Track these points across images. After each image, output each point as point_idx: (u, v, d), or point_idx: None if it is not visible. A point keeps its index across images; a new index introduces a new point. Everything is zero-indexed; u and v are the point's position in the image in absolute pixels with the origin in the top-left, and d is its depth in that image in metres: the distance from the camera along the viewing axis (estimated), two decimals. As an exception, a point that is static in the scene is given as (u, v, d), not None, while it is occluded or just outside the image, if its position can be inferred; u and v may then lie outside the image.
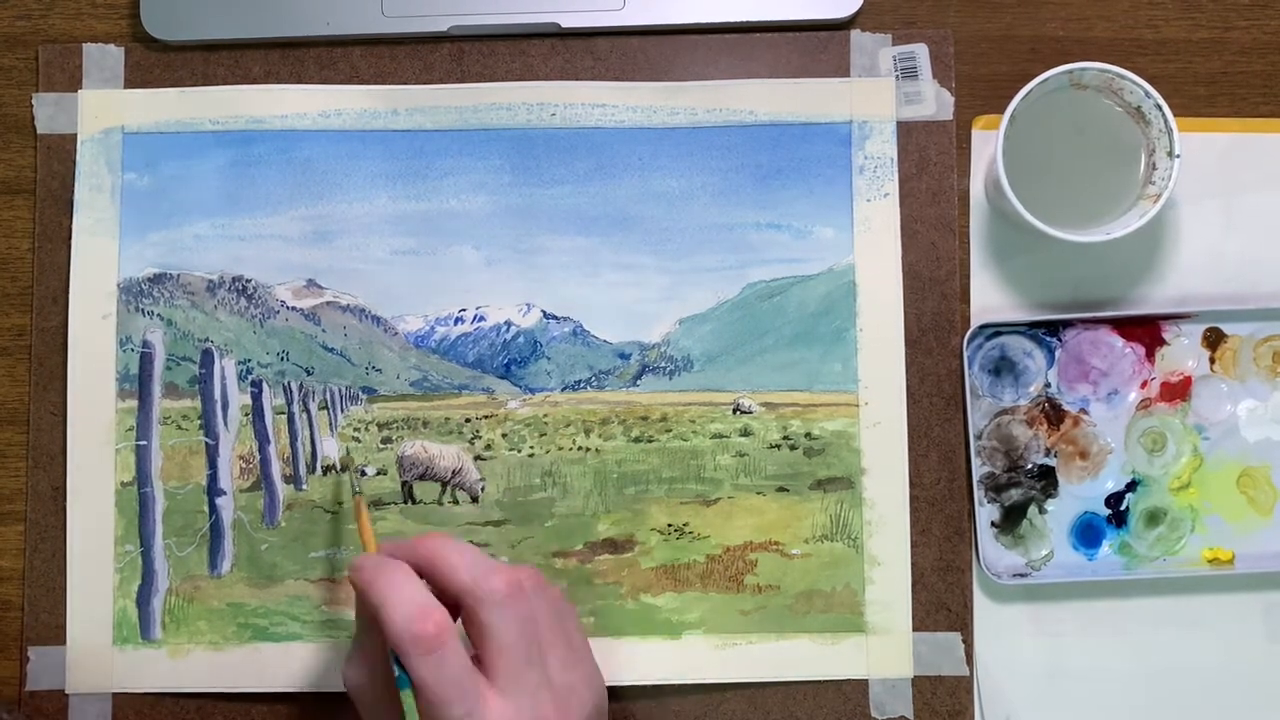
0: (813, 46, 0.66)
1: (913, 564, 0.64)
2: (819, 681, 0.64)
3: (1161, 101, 0.60)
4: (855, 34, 0.66)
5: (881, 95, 0.65)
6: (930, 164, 0.65)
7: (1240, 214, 0.66)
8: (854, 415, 0.64)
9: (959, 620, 0.64)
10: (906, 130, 0.66)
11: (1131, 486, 0.65)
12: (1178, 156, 0.60)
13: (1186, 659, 0.64)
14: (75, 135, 0.66)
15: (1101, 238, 0.60)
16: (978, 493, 0.64)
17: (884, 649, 0.64)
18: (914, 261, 0.65)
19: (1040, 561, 0.65)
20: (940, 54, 0.66)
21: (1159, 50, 0.67)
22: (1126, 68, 0.60)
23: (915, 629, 0.64)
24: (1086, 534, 0.65)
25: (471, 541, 0.64)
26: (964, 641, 0.64)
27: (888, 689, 0.64)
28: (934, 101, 0.66)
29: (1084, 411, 0.65)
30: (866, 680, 0.64)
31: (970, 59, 0.66)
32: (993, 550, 0.64)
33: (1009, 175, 0.60)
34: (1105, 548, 0.65)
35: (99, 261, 0.65)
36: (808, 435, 0.65)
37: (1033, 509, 0.65)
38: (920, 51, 0.66)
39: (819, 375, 0.65)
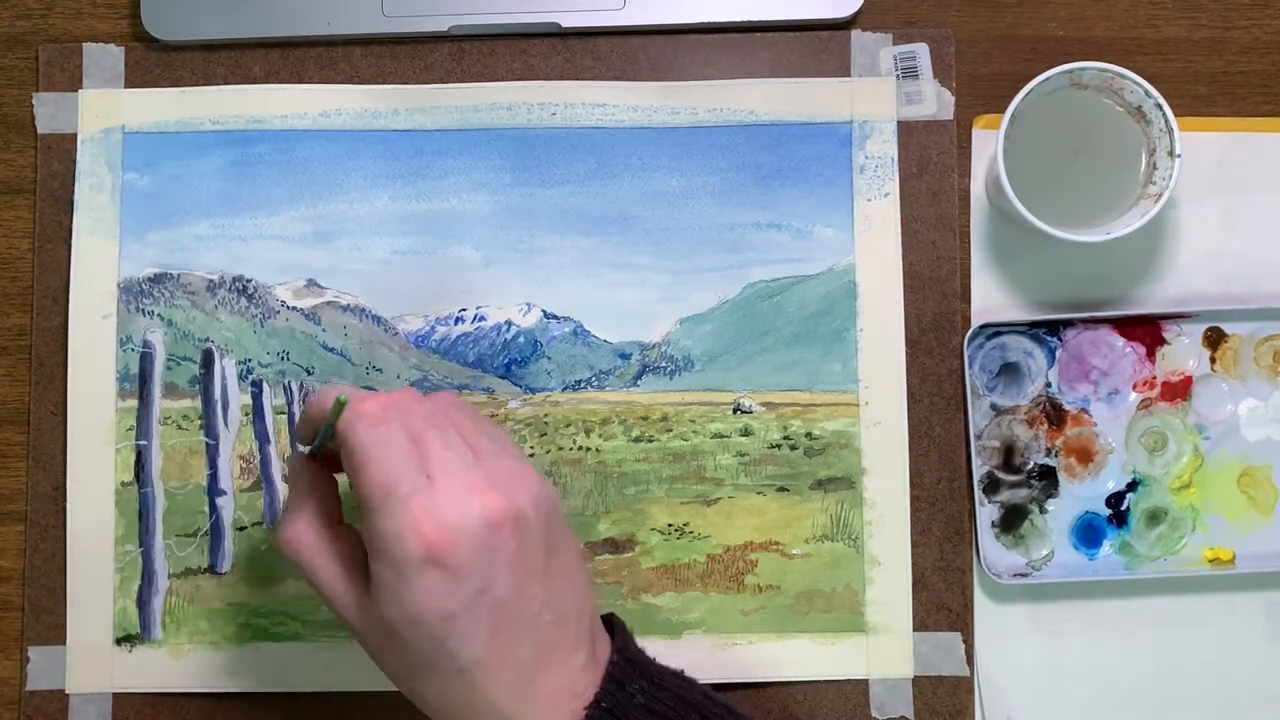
0: (813, 46, 0.66)
1: (913, 564, 0.64)
2: (819, 681, 0.64)
3: (1162, 101, 0.60)
4: (856, 34, 0.66)
5: (882, 95, 0.65)
6: (931, 164, 0.65)
7: (1240, 214, 0.66)
8: (854, 415, 0.64)
9: (959, 620, 0.64)
10: (907, 130, 0.65)
11: (1132, 486, 0.65)
12: (1178, 156, 0.60)
13: (1187, 658, 0.64)
14: (75, 135, 0.66)
15: (1102, 237, 0.60)
16: (978, 493, 0.64)
17: (884, 649, 0.64)
18: (914, 261, 0.65)
19: (1041, 561, 0.65)
20: (941, 53, 0.66)
21: (1159, 50, 0.67)
22: (1127, 67, 0.60)
23: (916, 629, 0.64)
24: (1087, 534, 0.65)
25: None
26: (964, 641, 0.64)
27: (888, 689, 0.63)
28: (935, 101, 0.66)
29: (1085, 411, 0.65)
30: (867, 680, 0.64)
31: (971, 59, 0.66)
32: (993, 550, 0.64)
33: (1010, 175, 0.60)
34: (1106, 547, 0.65)
35: (99, 261, 0.65)
36: (808, 435, 0.65)
37: (1033, 509, 0.65)
38: (921, 51, 0.66)
39: (819, 375, 0.65)
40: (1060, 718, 0.64)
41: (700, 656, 0.63)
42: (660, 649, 0.63)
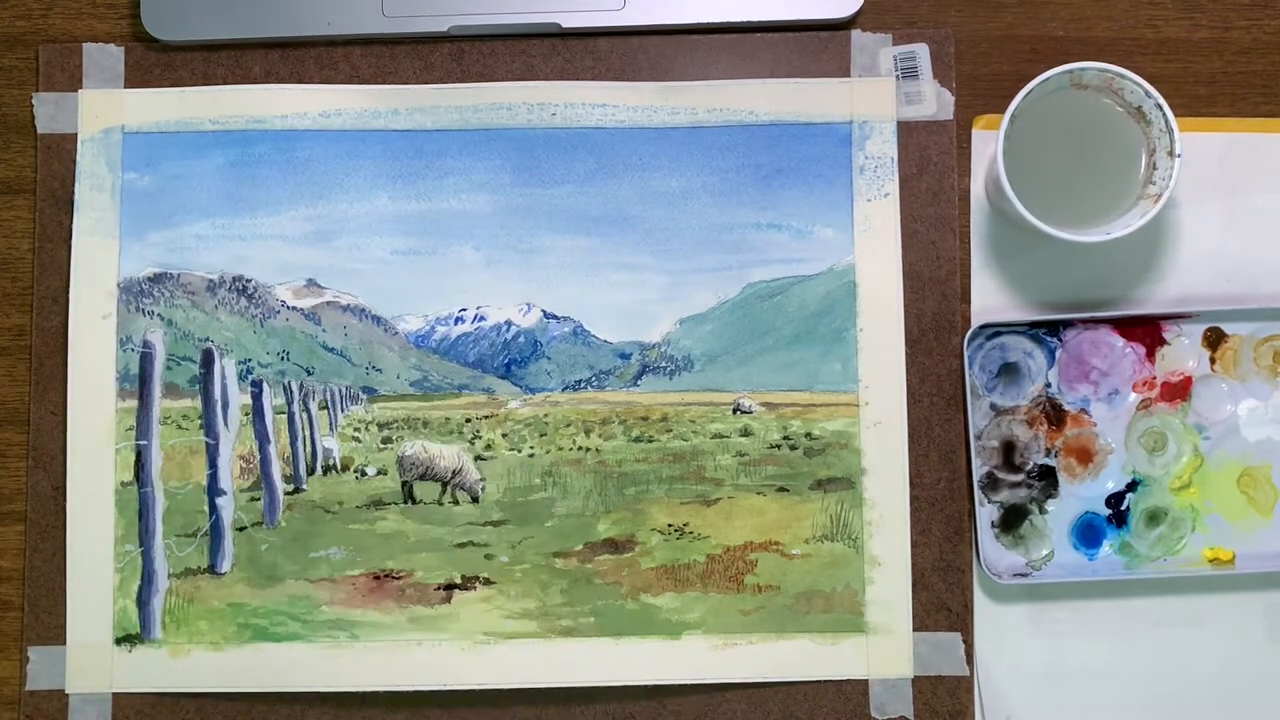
0: (813, 46, 0.66)
1: (913, 564, 0.64)
2: (819, 681, 0.64)
3: (1162, 101, 0.60)
4: (856, 34, 0.66)
5: (882, 95, 0.65)
6: (931, 164, 0.65)
7: (1240, 214, 0.66)
8: (854, 415, 0.64)
9: (959, 620, 0.64)
10: (907, 130, 0.65)
11: (1132, 486, 0.65)
12: (1178, 156, 0.60)
13: (1187, 658, 0.64)
14: (75, 135, 0.66)
15: (1102, 237, 0.60)
16: (978, 493, 0.64)
17: (884, 649, 0.63)
18: (914, 261, 0.65)
19: (1041, 561, 0.65)
20: (941, 54, 0.66)
21: (1159, 50, 0.67)
22: (1126, 67, 0.60)
23: (915, 629, 0.64)
24: (1087, 534, 0.65)
25: (471, 542, 0.64)
26: (964, 642, 0.64)
27: (888, 689, 0.63)
28: (934, 101, 0.66)
29: (1085, 411, 0.65)
30: (867, 680, 0.64)
31: (971, 59, 0.66)
32: (993, 550, 0.64)
33: (1009, 175, 0.60)
34: (1106, 547, 0.65)
35: (99, 261, 0.65)
36: (808, 435, 0.65)
37: (1033, 509, 0.65)
38: (921, 51, 0.66)
39: (819, 375, 0.65)
40: (1060, 717, 0.64)
41: (700, 656, 0.63)
42: (660, 649, 0.63)
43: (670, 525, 0.64)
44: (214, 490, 0.65)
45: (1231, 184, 0.66)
